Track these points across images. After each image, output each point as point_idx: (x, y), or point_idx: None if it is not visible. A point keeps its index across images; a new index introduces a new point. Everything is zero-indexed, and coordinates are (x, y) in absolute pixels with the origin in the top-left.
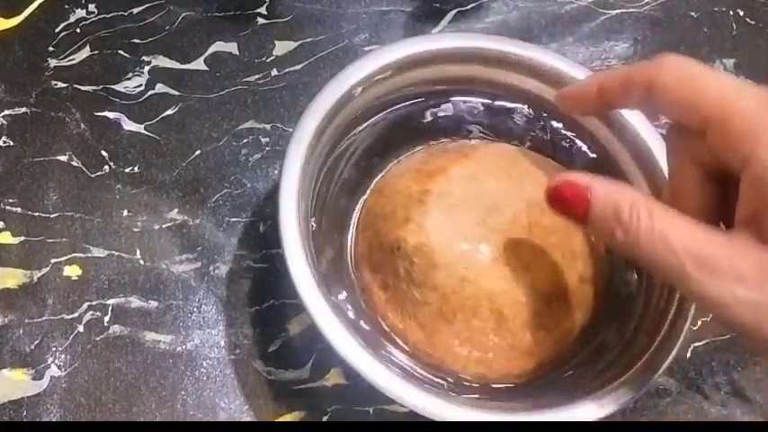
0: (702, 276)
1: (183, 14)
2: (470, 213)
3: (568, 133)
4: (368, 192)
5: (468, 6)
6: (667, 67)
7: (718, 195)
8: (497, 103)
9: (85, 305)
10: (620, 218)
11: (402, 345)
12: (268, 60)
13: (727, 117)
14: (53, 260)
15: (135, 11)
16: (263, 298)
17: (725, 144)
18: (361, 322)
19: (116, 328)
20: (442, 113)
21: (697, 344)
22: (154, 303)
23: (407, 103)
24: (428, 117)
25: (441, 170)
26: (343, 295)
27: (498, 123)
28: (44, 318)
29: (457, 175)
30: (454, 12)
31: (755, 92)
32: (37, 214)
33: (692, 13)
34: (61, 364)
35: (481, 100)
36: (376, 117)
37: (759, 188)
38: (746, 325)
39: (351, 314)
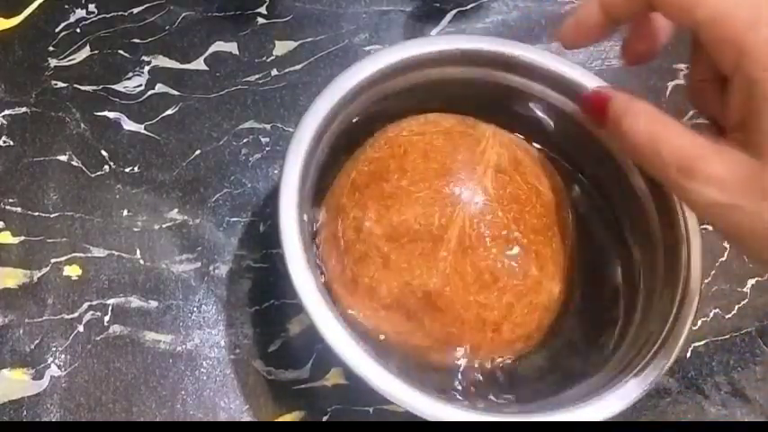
0: (684, 181)
1: (183, 14)
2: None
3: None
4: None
5: (469, 6)
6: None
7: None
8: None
9: (85, 305)
10: (624, 119)
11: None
12: (268, 60)
13: (717, 22)
14: (53, 260)
15: (135, 11)
16: (263, 298)
17: (715, 49)
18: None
19: (116, 328)
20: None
21: (697, 344)
22: (154, 303)
23: (408, 102)
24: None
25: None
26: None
27: (498, 123)
28: (44, 318)
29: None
30: (454, 12)
31: (750, 1)
32: (37, 214)
33: None
34: (61, 363)
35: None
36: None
37: (744, 96)
38: (727, 228)
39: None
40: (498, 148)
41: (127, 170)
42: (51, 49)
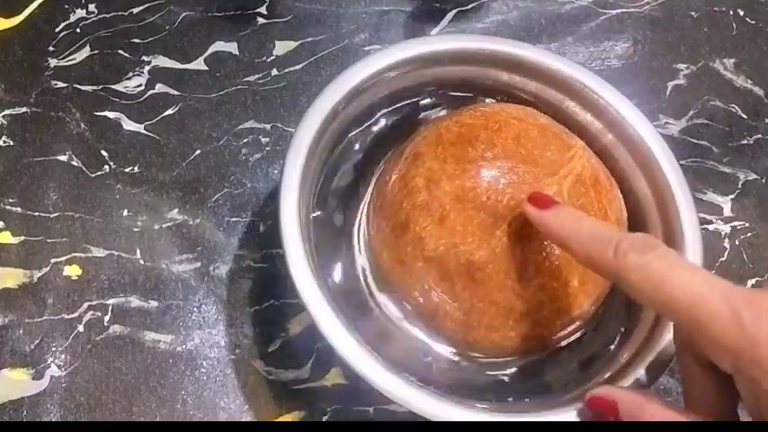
0: None
1: (183, 14)
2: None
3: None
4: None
5: (469, 6)
6: (631, 267)
7: (726, 384)
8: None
9: (85, 305)
10: None
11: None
12: (268, 60)
13: (700, 328)
14: (53, 260)
15: (135, 11)
16: (263, 298)
17: (707, 352)
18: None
19: (116, 328)
20: (441, 114)
21: None
22: (154, 303)
23: (407, 102)
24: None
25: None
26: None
27: None
28: (44, 318)
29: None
30: (454, 12)
31: (723, 295)
32: (37, 214)
33: (692, 13)
34: (61, 363)
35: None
36: (376, 117)
37: (752, 400)
38: None
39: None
40: (585, 161)
41: (127, 170)
42: (51, 49)
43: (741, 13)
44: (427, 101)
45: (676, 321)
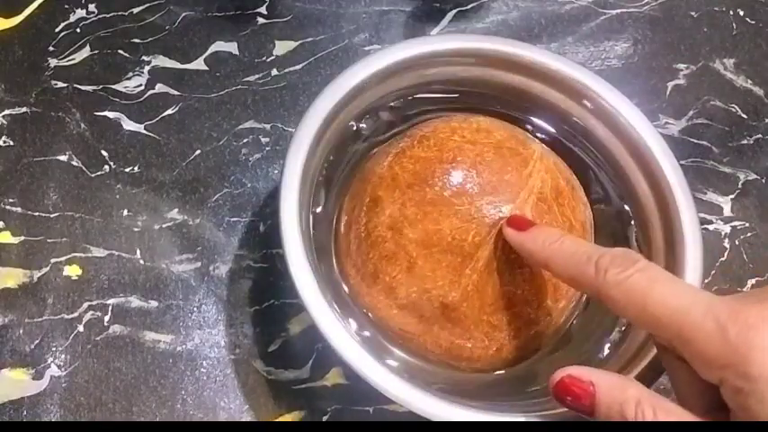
0: None
1: (183, 14)
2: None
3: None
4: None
5: (469, 6)
6: (611, 284)
7: (712, 387)
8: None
9: (85, 305)
10: (625, 416)
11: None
12: (268, 60)
13: (685, 341)
14: (53, 260)
15: (135, 11)
16: (263, 298)
17: (693, 364)
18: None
19: (116, 328)
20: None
21: None
22: (154, 303)
23: (407, 102)
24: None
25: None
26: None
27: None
28: (44, 317)
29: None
30: (454, 12)
31: (706, 308)
32: (37, 214)
33: (692, 13)
34: (61, 363)
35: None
36: (376, 117)
37: (740, 411)
38: None
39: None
40: (543, 174)
41: (127, 170)
42: (51, 49)
43: (741, 13)
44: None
45: (659, 335)
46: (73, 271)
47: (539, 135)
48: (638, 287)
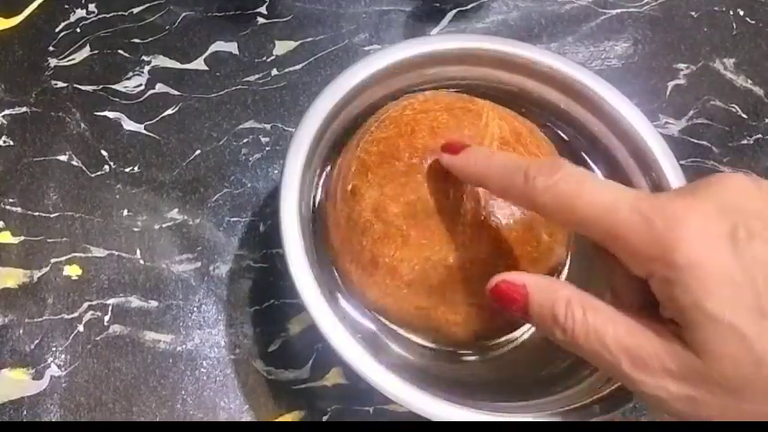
0: (637, 374)
1: (183, 14)
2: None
3: (567, 130)
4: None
5: (469, 6)
6: (540, 191)
7: (645, 285)
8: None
9: (85, 305)
10: (556, 316)
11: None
12: (268, 60)
13: (613, 238)
14: (53, 260)
15: (135, 11)
16: (263, 298)
17: (623, 260)
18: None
19: (116, 328)
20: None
21: None
22: (154, 303)
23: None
24: None
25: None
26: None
27: None
28: (44, 317)
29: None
30: (454, 12)
31: (632, 203)
32: (37, 214)
33: (692, 13)
34: (61, 363)
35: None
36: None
37: (667, 302)
38: (685, 416)
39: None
40: (499, 121)
41: (127, 170)
42: (51, 49)
43: (741, 13)
44: None
45: (590, 236)
46: (73, 271)
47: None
48: (566, 189)
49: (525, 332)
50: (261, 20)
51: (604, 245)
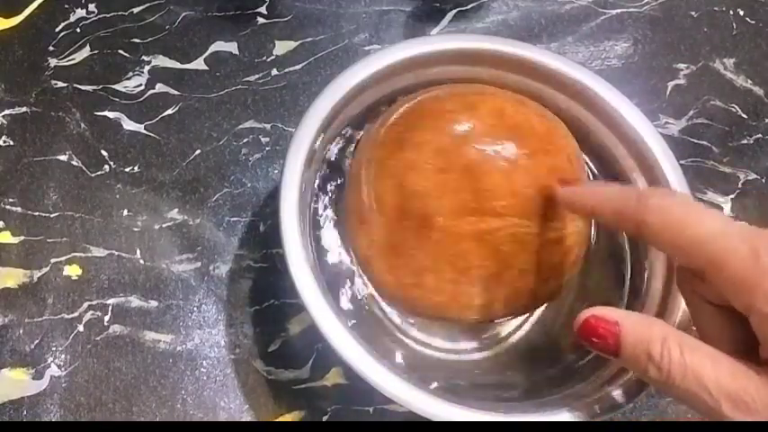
0: (739, 416)
1: (183, 14)
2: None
3: None
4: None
5: (469, 6)
6: (652, 210)
7: (738, 325)
8: None
9: (85, 305)
10: (651, 355)
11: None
12: (268, 60)
13: (718, 266)
14: (53, 260)
15: (135, 11)
16: (263, 298)
17: (724, 291)
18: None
19: (116, 328)
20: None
21: None
22: (154, 303)
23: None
24: None
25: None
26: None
27: None
28: (44, 317)
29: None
30: (454, 12)
31: (742, 234)
32: (37, 214)
33: (692, 13)
34: (61, 363)
35: None
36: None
37: (766, 339)
38: None
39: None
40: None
41: (127, 170)
42: (51, 49)
43: (741, 12)
44: None
45: (691, 262)
46: (73, 271)
47: None
48: (678, 211)
49: (525, 331)
50: (261, 20)
51: (705, 273)
